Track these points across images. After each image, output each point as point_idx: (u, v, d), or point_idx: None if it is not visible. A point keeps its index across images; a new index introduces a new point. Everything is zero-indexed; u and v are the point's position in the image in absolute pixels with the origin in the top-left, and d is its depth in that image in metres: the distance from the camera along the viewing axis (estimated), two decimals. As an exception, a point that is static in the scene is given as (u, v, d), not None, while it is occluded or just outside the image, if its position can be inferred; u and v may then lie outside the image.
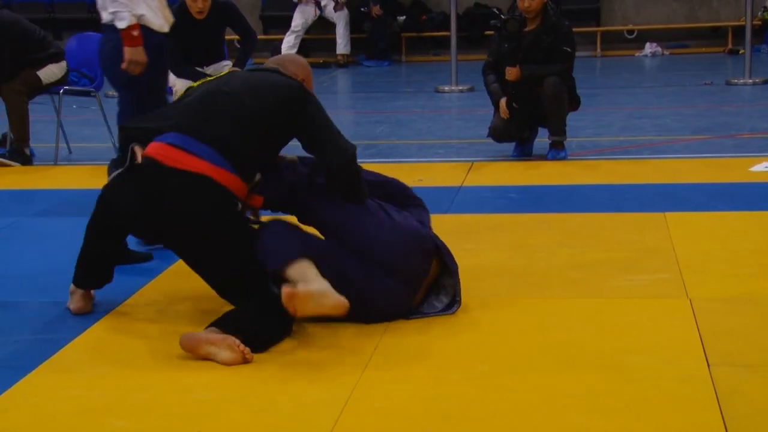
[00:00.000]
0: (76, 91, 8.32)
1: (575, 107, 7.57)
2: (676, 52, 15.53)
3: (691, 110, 10.11)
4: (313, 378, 3.56)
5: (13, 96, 7.84)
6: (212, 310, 4.17)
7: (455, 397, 3.36)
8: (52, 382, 3.60)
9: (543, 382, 3.46)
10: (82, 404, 3.39)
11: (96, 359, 3.77)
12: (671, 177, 6.78)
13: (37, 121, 8.13)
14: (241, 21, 7.86)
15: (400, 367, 3.63)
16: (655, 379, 3.46)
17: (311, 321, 4.08)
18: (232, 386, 3.50)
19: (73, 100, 8.90)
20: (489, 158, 7.71)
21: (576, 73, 7.55)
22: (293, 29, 15.21)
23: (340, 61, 15.47)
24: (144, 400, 3.41)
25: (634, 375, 3.49)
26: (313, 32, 15.78)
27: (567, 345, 3.81)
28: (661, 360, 3.62)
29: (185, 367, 3.68)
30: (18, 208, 6.48)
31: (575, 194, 6.43)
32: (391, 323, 4.04)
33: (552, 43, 7.32)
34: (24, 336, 4.07)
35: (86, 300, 4.32)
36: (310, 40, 15.97)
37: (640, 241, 5.19)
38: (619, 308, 4.20)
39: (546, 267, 4.78)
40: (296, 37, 15.26)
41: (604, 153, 7.95)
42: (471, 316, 4.13)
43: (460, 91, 11.87)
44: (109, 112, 8.59)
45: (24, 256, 5.29)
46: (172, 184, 3.91)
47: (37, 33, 8.00)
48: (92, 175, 7.52)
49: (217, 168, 3.93)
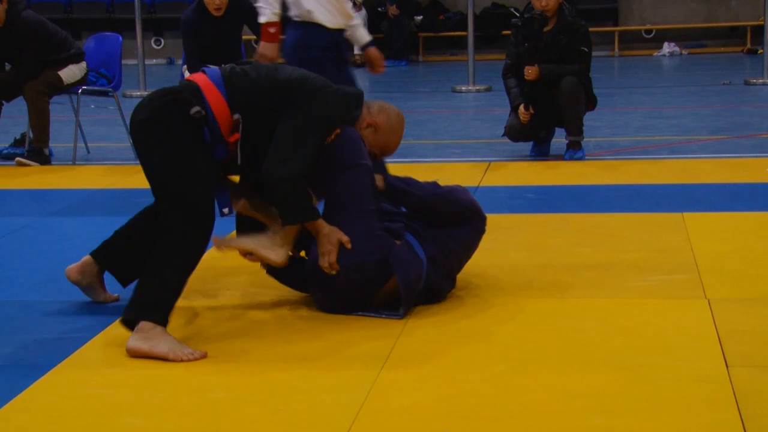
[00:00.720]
0: (94, 91, 8.34)
1: (592, 107, 7.55)
2: (694, 51, 15.48)
3: (709, 110, 10.07)
4: (330, 378, 3.55)
5: (34, 96, 7.87)
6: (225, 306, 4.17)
7: (472, 397, 3.35)
8: (70, 380, 3.61)
9: (560, 383, 3.45)
10: (99, 403, 3.39)
11: (113, 358, 3.78)
12: (689, 177, 6.76)
13: (56, 120, 8.17)
14: (256, 20, 7.87)
15: (417, 367, 3.63)
16: (673, 379, 3.44)
17: (326, 322, 4.09)
18: (248, 386, 3.50)
19: (91, 99, 8.93)
20: (506, 158, 7.70)
21: (593, 73, 7.53)
22: (311, 29, 15.24)
23: (357, 61, 15.46)
24: (160, 399, 3.42)
25: (651, 375, 3.48)
26: (331, 32, 15.79)
27: (584, 345, 3.79)
28: (678, 361, 3.60)
29: (202, 366, 3.68)
30: (36, 207, 6.50)
31: (592, 194, 6.41)
32: (406, 326, 4.04)
33: (569, 43, 7.31)
34: (42, 335, 4.08)
35: (84, 270, 4.24)
36: (328, 40, 15.97)
37: (657, 241, 5.17)
38: (636, 308, 4.19)
39: (563, 267, 4.76)
40: (314, 37, 15.28)
41: (622, 153, 7.93)
42: (488, 316, 4.13)
43: (477, 90, 11.86)
44: (127, 112, 8.62)
45: (42, 256, 5.30)
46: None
47: (59, 34, 8.04)
48: (110, 175, 7.56)
49: (208, 81, 3.93)
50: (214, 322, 4.13)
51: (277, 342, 3.92)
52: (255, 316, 4.22)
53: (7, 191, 7.12)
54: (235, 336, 3.98)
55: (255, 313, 4.25)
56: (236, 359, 3.75)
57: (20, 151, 8.15)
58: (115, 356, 3.79)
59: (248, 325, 4.10)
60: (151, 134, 3.88)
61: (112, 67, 8.39)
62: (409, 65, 15.46)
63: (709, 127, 8.98)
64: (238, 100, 3.95)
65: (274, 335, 3.99)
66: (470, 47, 11.89)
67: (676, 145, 8.14)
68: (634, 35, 15.92)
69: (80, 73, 8.10)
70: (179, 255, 3.81)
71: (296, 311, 4.24)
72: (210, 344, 3.87)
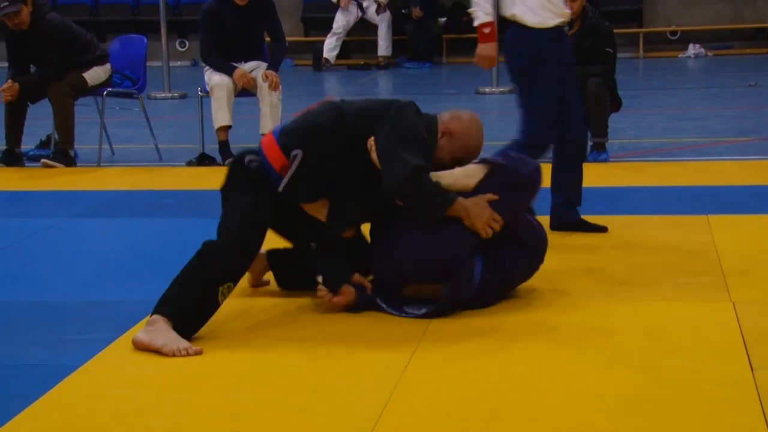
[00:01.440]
0: (119, 93, 8.38)
1: (617, 108, 7.53)
2: (719, 53, 15.40)
3: (735, 112, 10.02)
4: (352, 381, 3.55)
5: (59, 97, 7.92)
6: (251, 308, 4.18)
7: (495, 399, 3.35)
8: (94, 381, 3.63)
9: (583, 385, 3.44)
10: (121, 404, 3.41)
11: (136, 359, 3.79)
12: (714, 179, 6.72)
13: (81, 122, 8.21)
14: (274, 19, 7.87)
15: (439, 370, 3.62)
16: (698, 382, 3.42)
17: (349, 324, 4.09)
18: (270, 387, 3.51)
19: (116, 101, 8.98)
20: (530, 160, 7.68)
21: (618, 75, 7.51)
22: (335, 31, 15.25)
23: (381, 63, 15.48)
24: (182, 400, 3.43)
25: (675, 378, 3.46)
26: (355, 34, 15.81)
27: (608, 347, 3.78)
28: (703, 364, 3.58)
29: (223, 368, 3.69)
30: (61, 208, 6.54)
31: (617, 196, 6.39)
32: (429, 327, 4.04)
33: (593, 44, 7.29)
34: (66, 336, 4.10)
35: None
36: (351, 42, 16.00)
37: (682, 243, 5.14)
38: (661, 311, 4.17)
39: (587, 269, 4.75)
40: (337, 39, 15.30)
41: (646, 155, 7.89)
42: (510, 319, 4.12)
43: (501, 92, 11.84)
44: (151, 114, 8.67)
45: (66, 257, 5.33)
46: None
47: (84, 36, 8.08)
48: (134, 176, 7.59)
49: (269, 135, 4.27)
50: (242, 325, 4.13)
51: (300, 344, 3.92)
52: (277, 320, 4.23)
53: (32, 192, 7.16)
54: (257, 338, 3.99)
55: (278, 317, 4.26)
56: (258, 361, 3.76)
57: (46, 153, 8.20)
58: (139, 357, 3.80)
59: (271, 329, 4.11)
60: (223, 195, 4.21)
61: (136, 69, 8.42)
62: (432, 67, 15.44)
63: (735, 128, 8.93)
64: (295, 137, 4.16)
65: (296, 337, 3.99)
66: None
67: (702, 147, 8.10)
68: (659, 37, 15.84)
69: (105, 75, 8.14)
70: (204, 266, 3.97)
71: (320, 315, 4.24)
72: (232, 346, 3.88)
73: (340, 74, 15.03)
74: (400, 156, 4.03)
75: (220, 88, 7.65)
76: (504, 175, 4.20)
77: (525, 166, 4.28)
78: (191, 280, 3.94)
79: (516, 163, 4.27)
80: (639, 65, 15.09)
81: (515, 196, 4.21)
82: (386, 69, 15.27)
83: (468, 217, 4.10)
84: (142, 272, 4.97)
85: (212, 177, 7.31)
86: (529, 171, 4.28)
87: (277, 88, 7.68)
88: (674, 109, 10.32)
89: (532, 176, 4.29)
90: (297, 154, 4.12)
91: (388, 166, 4.04)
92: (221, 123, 7.70)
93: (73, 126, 7.98)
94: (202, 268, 3.96)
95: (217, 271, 3.96)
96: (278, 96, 7.70)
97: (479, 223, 4.11)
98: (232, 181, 4.20)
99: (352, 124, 4.16)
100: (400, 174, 4.01)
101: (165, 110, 11.55)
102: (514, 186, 4.20)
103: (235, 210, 4.08)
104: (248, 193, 4.12)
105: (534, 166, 4.32)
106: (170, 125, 10.42)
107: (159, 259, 5.14)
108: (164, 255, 5.19)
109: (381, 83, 14.17)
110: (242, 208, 4.08)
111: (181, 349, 3.77)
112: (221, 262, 3.98)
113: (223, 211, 4.15)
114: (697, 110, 10.24)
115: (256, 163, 4.18)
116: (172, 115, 11.29)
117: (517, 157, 4.35)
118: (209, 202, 4.38)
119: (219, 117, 7.69)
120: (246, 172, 4.17)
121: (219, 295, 3.94)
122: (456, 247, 4.11)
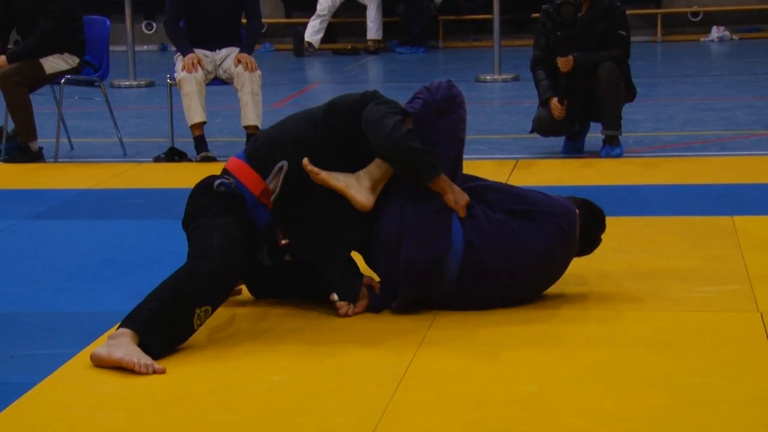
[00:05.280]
0: (78, 81, 8.31)
1: (631, 98, 7.54)
2: (746, 36, 15.45)
3: (764, 102, 10.05)
4: (341, 399, 3.56)
5: (11, 86, 7.81)
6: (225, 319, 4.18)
7: (499, 422, 3.35)
8: (54, 401, 3.62)
9: (597, 405, 3.45)
10: (85, 426, 3.41)
11: (99, 377, 3.79)
12: (740, 176, 6.75)
13: (36, 113, 8.11)
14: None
15: (437, 387, 3.63)
16: (724, 401, 3.44)
17: (338, 334, 4.10)
18: (251, 408, 3.51)
19: (76, 90, 8.96)
20: (536, 155, 7.70)
21: (632, 60, 7.53)
22: (318, 13, 15.25)
23: (370, 48, 15.50)
24: (153, 422, 3.43)
25: (699, 397, 3.47)
26: (341, 16, 15.82)
27: (624, 363, 3.79)
28: (732, 381, 3.60)
29: (196, 385, 3.70)
30: (15, 209, 6.52)
31: (632, 195, 6.41)
32: (425, 337, 4.05)
33: (606, 27, 7.31)
34: (22, 350, 4.10)
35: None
36: (338, 24, 16.01)
37: (705, 247, 5.16)
38: (682, 323, 4.19)
39: (600, 276, 4.76)
40: (321, 22, 15.30)
41: (665, 150, 7.92)
42: (516, 330, 4.13)
43: (503, 80, 11.87)
44: (115, 104, 8.66)
45: (22, 263, 5.32)
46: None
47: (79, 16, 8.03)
48: (97, 173, 7.58)
49: (233, 158, 4.40)
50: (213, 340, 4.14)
51: (284, 360, 3.93)
52: (255, 331, 4.23)
53: (-18, 192, 7.15)
54: (233, 351, 4.00)
55: (260, 331, 4.27)
56: (236, 378, 3.76)
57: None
58: (103, 375, 3.80)
59: (248, 341, 4.11)
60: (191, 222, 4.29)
61: (98, 54, 8.38)
62: (427, 52, 15.45)
63: (764, 120, 8.96)
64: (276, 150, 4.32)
65: (276, 350, 4.00)
66: (496, 32, 11.88)
67: (727, 140, 8.13)
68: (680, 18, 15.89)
69: (66, 66, 8.03)
70: (176, 282, 4.01)
71: (300, 324, 4.25)
72: (206, 360, 3.89)
73: (325, 60, 15.04)
74: (380, 120, 4.28)
75: (188, 81, 7.63)
76: (425, 110, 4.44)
77: (437, 91, 4.53)
78: (166, 297, 3.96)
79: (425, 95, 4.51)
80: (657, 50, 15.14)
81: (446, 119, 4.47)
82: (376, 54, 15.29)
83: (452, 191, 4.31)
84: (106, 280, 4.97)
85: (183, 174, 7.33)
86: (442, 92, 4.52)
87: (255, 69, 7.68)
88: (696, 99, 10.35)
89: (450, 93, 4.55)
90: (282, 165, 4.27)
91: (372, 126, 4.28)
92: (194, 120, 7.70)
93: (31, 116, 7.90)
94: (181, 287, 3.99)
95: (197, 292, 4.00)
96: (258, 81, 7.70)
97: (463, 201, 4.32)
98: (200, 206, 4.28)
99: (331, 123, 4.37)
100: (392, 128, 4.25)
101: (130, 100, 11.54)
102: (441, 112, 4.46)
103: (212, 234, 4.15)
104: (224, 215, 4.21)
105: (442, 84, 4.57)
106: (136, 116, 10.42)
107: (125, 266, 5.14)
108: (131, 261, 5.20)
109: (370, 70, 14.18)
110: (221, 231, 4.16)
111: (143, 365, 3.78)
112: (203, 286, 4.02)
113: (195, 238, 4.19)
114: (722, 100, 10.28)
115: (226, 186, 4.28)
116: (138, 106, 11.29)
117: (424, 90, 4.57)
118: (179, 202, 4.38)
119: (191, 114, 7.69)
120: (216, 196, 4.26)
121: (195, 318, 3.97)
122: (439, 213, 4.28)
